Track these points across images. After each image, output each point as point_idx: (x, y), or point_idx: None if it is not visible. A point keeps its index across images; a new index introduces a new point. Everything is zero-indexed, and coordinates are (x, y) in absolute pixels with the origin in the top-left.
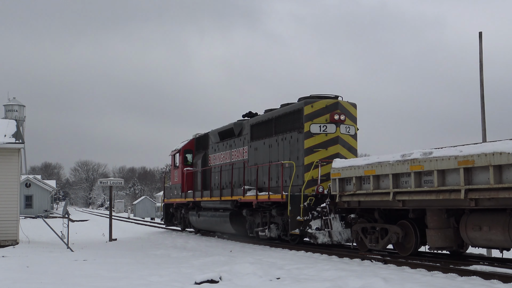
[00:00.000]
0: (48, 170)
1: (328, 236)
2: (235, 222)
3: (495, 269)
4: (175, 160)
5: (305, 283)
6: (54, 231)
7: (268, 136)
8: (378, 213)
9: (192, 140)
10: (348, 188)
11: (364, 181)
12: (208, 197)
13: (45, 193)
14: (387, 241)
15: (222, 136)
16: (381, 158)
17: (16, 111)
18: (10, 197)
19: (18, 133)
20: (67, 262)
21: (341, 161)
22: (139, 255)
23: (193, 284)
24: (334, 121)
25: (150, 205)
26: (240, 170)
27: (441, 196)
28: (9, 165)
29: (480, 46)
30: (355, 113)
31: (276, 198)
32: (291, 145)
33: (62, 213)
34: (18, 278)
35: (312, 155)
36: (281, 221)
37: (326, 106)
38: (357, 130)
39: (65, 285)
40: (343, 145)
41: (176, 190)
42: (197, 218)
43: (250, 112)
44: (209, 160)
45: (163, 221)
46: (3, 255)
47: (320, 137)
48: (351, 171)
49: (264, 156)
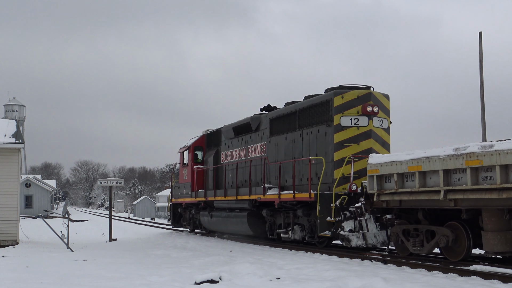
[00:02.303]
0: (48, 170)
1: (363, 238)
2: (253, 223)
3: (495, 269)
4: (183, 158)
5: (305, 283)
6: (54, 231)
7: (291, 131)
8: (422, 213)
9: (202, 137)
10: (387, 186)
11: (407, 178)
12: (222, 196)
13: (45, 193)
14: (434, 244)
15: (237, 131)
16: (429, 152)
17: (16, 111)
18: (10, 197)
19: (18, 133)
20: (67, 262)
21: (379, 157)
22: (139, 255)
23: (193, 284)
24: (366, 113)
25: (150, 205)
26: (258, 168)
27: (505, 194)
28: (9, 165)
29: (480, 46)
30: (388, 105)
31: (303, 197)
32: (318, 139)
33: (62, 213)
34: (18, 278)
35: (342, 150)
36: (307, 222)
37: (358, 97)
38: (390, 123)
39: (65, 285)
40: (376, 139)
41: (185, 189)
42: (209, 219)
43: (268, 105)
44: (222, 158)
45: (170, 222)
46: (3, 255)
47: (352, 131)
48: (392, 167)
49: (286, 152)
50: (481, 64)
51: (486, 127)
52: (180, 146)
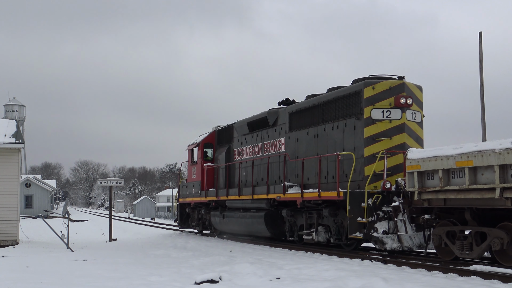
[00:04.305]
0: (48, 170)
1: (398, 241)
2: (271, 224)
3: (495, 269)
4: (192, 155)
5: (305, 283)
6: (54, 231)
7: (314, 125)
8: (470, 213)
9: (212, 133)
10: (430, 183)
11: (454, 175)
12: (236, 195)
13: (45, 193)
14: (486, 248)
15: (252, 127)
16: (481, 146)
17: (16, 111)
18: (10, 197)
19: (18, 133)
20: (67, 262)
21: (420, 151)
22: (139, 255)
23: (193, 284)
24: (399, 105)
25: (150, 205)
26: (275, 165)
27: None
28: (9, 165)
29: (480, 46)
30: (421, 97)
31: (330, 196)
32: (346, 134)
33: (62, 213)
34: (18, 278)
35: (373, 145)
36: (333, 223)
37: (390, 87)
38: (423, 116)
39: (65, 285)
40: (409, 134)
41: (194, 188)
42: (221, 219)
43: (287, 98)
44: (234, 155)
45: (176, 222)
46: (3, 255)
47: (383, 124)
48: (437, 163)
49: (308, 147)
50: (481, 64)
51: (486, 127)
52: (189, 143)
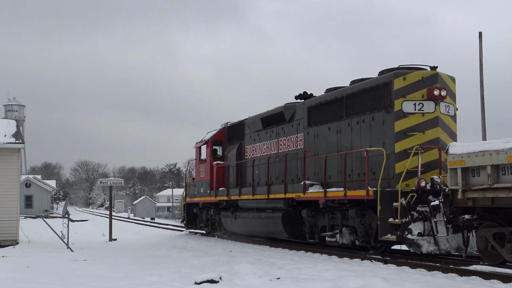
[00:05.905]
0: (48, 170)
1: (434, 243)
2: (289, 225)
3: (495, 269)
4: (200, 153)
5: (305, 283)
6: (54, 231)
7: (336, 120)
8: None
9: (222, 130)
10: (475, 180)
11: (505, 171)
12: (249, 195)
13: (45, 193)
14: None
15: (267, 122)
16: None
17: (16, 111)
18: (10, 197)
19: (18, 133)
20: (67, 262)
21: (464, 145)
22: (139, 255)
23: (193, 284)
24: (433, 97)
25: (150, 205)
26: (292, 162)
27: None
28: (9, 165)
29: (480, 47)
30: (454, 89)
31: (358, 195)
32: (373, 128)
33: (62, 213)
34: (18, 278)
35: (405, 140)
36: (359, 224)
37: (423, 78)
38: (456, 110)
39: (65, 285)
40: (443, 128)
41: (203, 187)
42: (233, 220)
43: (305, 92)
44: (246, 152)
45: (183, 223)
46: (3, 255)
47: (416, 118)
48: (484, 158)
49: (330, 144)
50: (481, 64)
51: (486, 127)
52: (196, 141)
